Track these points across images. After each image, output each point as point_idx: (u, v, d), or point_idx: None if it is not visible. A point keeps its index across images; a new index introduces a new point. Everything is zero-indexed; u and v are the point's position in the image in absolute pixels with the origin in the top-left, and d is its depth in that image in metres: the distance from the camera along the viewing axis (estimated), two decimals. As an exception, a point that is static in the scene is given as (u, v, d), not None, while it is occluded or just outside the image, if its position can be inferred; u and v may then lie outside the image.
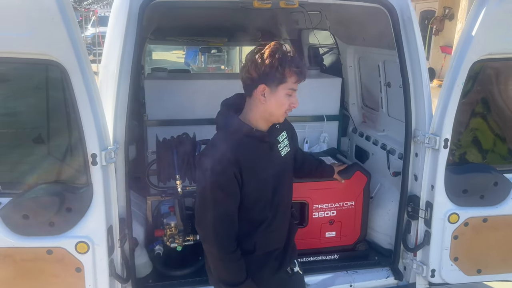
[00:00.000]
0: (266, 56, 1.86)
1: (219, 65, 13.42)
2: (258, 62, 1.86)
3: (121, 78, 2.29)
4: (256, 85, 1.90)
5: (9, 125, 2.26)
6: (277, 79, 1.88)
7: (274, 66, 1.86)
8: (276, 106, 1.93)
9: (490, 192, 2.57)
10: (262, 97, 1.91)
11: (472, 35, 2.31)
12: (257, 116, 1.97)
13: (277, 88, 1.89)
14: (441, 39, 13.50)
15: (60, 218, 2.17)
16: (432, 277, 2.65)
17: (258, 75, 1.88)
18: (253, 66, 1.88)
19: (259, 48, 1.91)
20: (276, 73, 1.87)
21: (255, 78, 1.89)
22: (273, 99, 1.91)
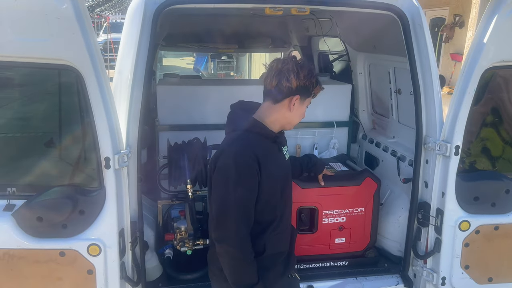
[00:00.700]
0: (307, 70, 2.00)
1: (229, 72, 13.49)
2: (300, 74, 1.98)
3: (135, 83, 2.33)
4: (291, 94, 2.00)
5: (25, 128, 2.31)
6: (308, 93, 2.05)
7: (312, 82, 2.02)
8: (298, 116, 2.09)
9: (502, 200, 2.56)
10: (292, 106, 2.02)
11: (483, 42, 2.32)
12: (275, 121, 2.07)
13: (305, 101, 2.06)
14: (451, 46, 13.43)
15: (73, 221, 2.20)
16: (443, 285, 2.63)
17: (298, 86, 1.99)
18: (295, 77, 1.97)
19: (295, 60, 2.01)
20: (310, 87, 2.03)
21: (294, 88, 1.99)
22: (299, 110, 2.06)
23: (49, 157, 2.29)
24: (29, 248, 2.20)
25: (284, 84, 1.98)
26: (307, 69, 2.00)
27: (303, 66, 1.99)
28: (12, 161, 2.28)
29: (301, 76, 1.98)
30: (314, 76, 2.03)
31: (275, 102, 2.03)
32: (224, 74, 13.05)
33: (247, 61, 13.06)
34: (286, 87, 1.99)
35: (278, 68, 2.00)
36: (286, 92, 2.00)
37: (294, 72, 1.97)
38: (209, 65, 13.82)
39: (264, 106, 2.09)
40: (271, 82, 2.01)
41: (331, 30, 4.04)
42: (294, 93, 2.00)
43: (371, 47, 3.62)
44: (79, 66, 2.03)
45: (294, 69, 1.98)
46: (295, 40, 5.32)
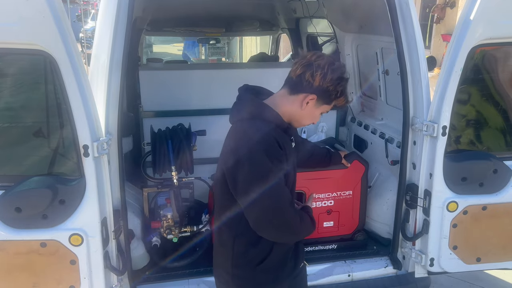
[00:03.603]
0: (337, 76, 1.82)
1: (220, 57, 13.32)
2: (328, 76, 1.80)
3: (113, 67, 2.25)
4: (309, 91, 1.82)
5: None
6: (329, 100, 1.86)
7: (337, 90, 1.83)
8: (308, 118, 1.92)
9: (490, 180, 2.53)
10: (304, 104, 1.85)
11: (470, 20, 2.26)
12: (285, 113, 1.88)
13: (321, 106, 1.87)
14: (442, 27, 13.36)
15: (53, 211, 2.15)
16: (431, 266, 2.63)
17: (319, 86, 1.81)
18: (321, 75, 1.80)
19: (331, 60, 1.83)
20: (333, 95, 1.84)
21: (314, 87, 1.81)
22: (311, 112, 1.88)
23: (28, 146, 2.23)
24: (9, 240, 2.15)
25: (306, 77, 1.81)
26: (338, 74, 1.81)
27: (336, 70, 1.81)
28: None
29: (328, 78, 1.79)
30: (342, 86, 1.84)
31: (291, 93, 1.87)
32: (215, 60, 12.89)
33: (238, 46, 12.92)
34: (307, 82, 1.81)
35: (309, 59, 1.83)
36: (305, 86, 1.82)
37: (323, 70, 1.79)
38: (200, 51, 13.64)
39: (279, 94, 1.92)
40: (296, 70, 1.85)
41: (318, 11, 3.96)
42: (312, 91, 1.82)
43: (358, 28, 3.55)
44: (52, 51, 1.96)
45: (325, 68, 1.79)
46: (283, 22, 5.24)
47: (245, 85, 2.04)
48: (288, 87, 1.88)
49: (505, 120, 2.60)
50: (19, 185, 2.12)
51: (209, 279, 2.57)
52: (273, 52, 6.29)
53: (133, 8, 2.28)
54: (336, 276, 2.76)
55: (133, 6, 2.27)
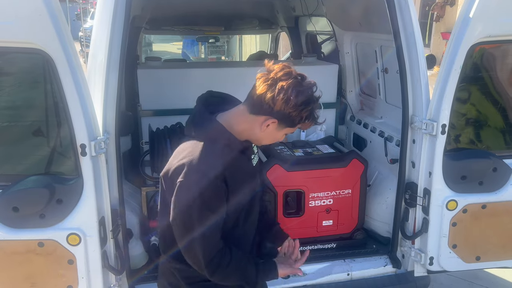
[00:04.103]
0: (302, 100, 1.58)
1: (220, 56, 13.30)
2: (291, 101, 1.57)
3: (110, 65, 2.24)
4: (269, 115, 1.64)
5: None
6: (292, 124, 1.68)
7: (301, 116, 1.63)
8: (269, 139, 1.76)
9: (489, 178, 2.52)
10: (263, 126, 1.67)
11: (469, 17, 2.25)
12: (244, 132, 1.72)
13: (284, 129, 1.70)
14: (442, 25, 13.34)
15: (50, 210, 2.13)
16: (431, 264, 2.62)
17: (281, 111, 1.61)
18: (284, 100, 1.57)
19: (297, 81, 1.59)
20: (296, 119, 1.64)
21: (275, 111, 1.62)
22: (272, 134, 1.71)
23: (25, 146, 2.21)
24: (7, 239, 2.14)
25: (267, 100, 1.60)
26: (303, 98, 1.58)
27: (301, 93, 1.58)
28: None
29: (290, 103, 1.57)
30: (307, 111, 1.61)
31: (251, 111, 1.67)
32: (215, 58, 12.87)
33: (238, 44, 12.90)
34: (267, 104, 1.61)
35: (273, 76, 1.60)
36: (266, 109, 1.62)
37: (285, 94, 1.57)
38: (200, 50, 13.63)
39: (239, 110, 1.72)
40: (258, 87, 1.63)
41: (317, 9, 3.96)
42: (273, 115, 1.63)
43: (357, 26, 3.54)
44: (49, 49, 1.94)
45: (288, 91, 1.57)
46: (282, 21, 5.23)
47: (208, 92, 1.86)
48: (248, 104, 1.68)
49: (504, 119, 2.58)
50: (17, 184, 2.11)
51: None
52: (273, 50, 6.28)
53: (131, 6, 2.27)
54: (335, 275, 2.75)
55: (130, 5, 2.26)
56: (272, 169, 2.78)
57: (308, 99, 1.60)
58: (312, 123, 1.69)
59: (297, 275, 2.09)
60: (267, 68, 1.64)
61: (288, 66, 1.65)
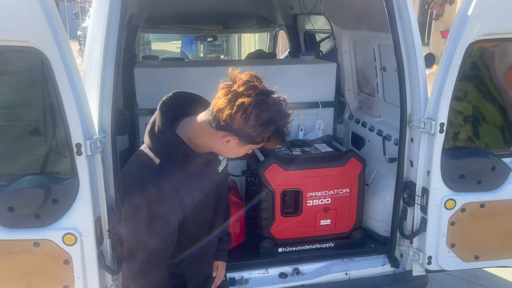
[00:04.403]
0: (264, 120, 1.44)
1: (219, 55, 13.28)
2: (250, 121, 1.43)
3: (106, 64, 2.22)
4: (228, 131, 1.50)
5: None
6: (254, 143, 1.53)
7: (263, 136, 1.49)
8: (232, 154, 1.62)
9: (488, 177, 2.51)
10: (224, 142, 1.53)
11: (468, 15, 2.24)
12: (204, 144, 1.61)
13: (247, 145, 1.55)
14: (441, 24, 13.34)
15: (46, 210, 2.11)
16: (429, 264, 2.60)
17: (239, 129, 1.47)
18: (242, 119, 1.43)
19: (260, 98, 1.44)
20: (258, 139, 1.50)
21: (233, 129, 1.47)
22: (234, 149, 1.57)
23: (20, 145, 2.20)
24: (2, 239, 2.12)
25: (224, 115, 1.45)
26: (265, 118, 1.43)
27: (262, 113, 1.42)
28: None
29: (250, 123, 1.43)
30: (270, 131, 1.46)
31: (210, 124, 1.52)
32: (214, 57, 12.85)
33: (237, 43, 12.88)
34: (225, 121, 1.46)
35: (237, 90, 1.44)
36: (223, 125, 1.48)
37: (244, 113, 1.42)
38: (199, 49, 13.61)
39: (199, 121, 1.57)
40: (218, 100, 1.47)
41: (315, 8, 3.94)
42: (231, 133, 1.49)
43: (355, 24, 3.52)
44: (43, 48, 1.92)
45: (248, 110, 1.41)
46: (280, 19, 5.21)
47: (173, 94, 1.71)
48: (209, 115, 1.53)
49: (503, 117, 2.57)
50: (12, 184, 2.08)
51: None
52: (271, 49, 6.26)
53: (126, 5, 2.25)
54: (333, 274, 2.74)
55: (126, 3, 2.24)
56: (269, 168, 2.77)
57: (271, 119, 1.45)
58: (277, 142, 1.53)
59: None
60: (231, 78, 1.49)
61: (254, 78, 1.49)
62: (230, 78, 1.49)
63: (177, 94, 1.73)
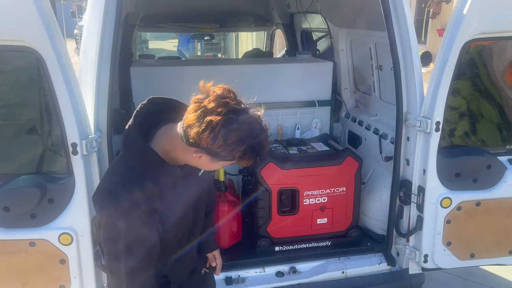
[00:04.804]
0: (233, 140, 1.37)
1: (216, 53, 13.25)
2: (218, 141, 1.36)
3: (102, 63, 2.21)
4: (197, 149, 1.43)
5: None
6: (225, 161, 1.46)
7: (233, 156, 1.42)
8: (206, 168, 1.57)
9: (483, 176, 2.52)
10: (196, 158, 1.46)
11: (463, 14, 2.24)
12: (180, 158, 1.55)
13: (219, 161, 1.48)
14: (438, 22, 13.35)
15: (42, 210, 2.12)
16: (425, 262, 2.61)
17: (208, 148, 1.40)
18: (210, 138, 1.36)
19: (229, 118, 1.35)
20: (228, 158, 1.43)
21: (202, 147, 1.40)
22: (207, 164, 1.51)
23: (15, 145, 2.19)
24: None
25: (192, 133, 1.38)
26: (233, 140, 1.36)
27: (231, 133, 1.35)
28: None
29: (218, 142, 1.36)
30: (240, 152, 1.39)
31: (182, 138, 1.46)
32: (211, 56, 12.83)
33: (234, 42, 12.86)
34: (193, 139, 1.39)
35: (207, 107, 1.36)
36: (192, 142, 1.41)
37: (212, 132, 1.35)
38: (196, 47, 13.58)
39: (173, 133, 1.50)
40: (188, 114, 1.39)
41: (312, 6, 3.94)
42: (201, 149, 1.42)
43: (351, 23, 3.52)
44: (38, 47, 1.92)
45: (216, 128, 1.34)
46: (277, 18, 5.20)
47: (148, 101, 1.60)
48: (181, 130, 1.45)
49: (498, 116, 2.58)
50: (7, 184, 2.08)
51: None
52: (268, 48, 6.26)
53: (122, 3, 2.24)
54: (330, 273, 2.74)
55: (121, 1, 2.24)
56: (266, 167, 2.76)
57: (240, 139, 1.37)
58: (252, 160, 1.45)
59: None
60: (203, 92, 1.41)
61: (228, 93, 1.40)
62: (202, 91, 1.42)
63: (152, 100, 1.63)
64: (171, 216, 1.61)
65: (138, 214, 1.51)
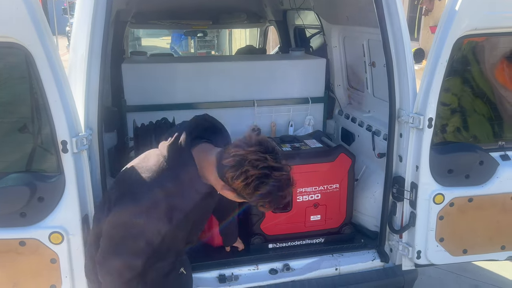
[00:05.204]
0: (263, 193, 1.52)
1: (209, 50, 13.20)
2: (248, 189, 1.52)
3: (92, 60, 2.18)
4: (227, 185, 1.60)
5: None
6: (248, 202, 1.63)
7: (256, 203, 1.59)
8: (228, 197, 1.69)
9: (476, 172, 2.53)
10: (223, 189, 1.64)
11: (455, 10, 2.24)
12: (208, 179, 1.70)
13: (243, 199, 1.64)
14: (431, 19, 13.39)
15: (32, 208, 2.09)
16: (418, 258, 2.62)
17: (236, 189, 1.57)
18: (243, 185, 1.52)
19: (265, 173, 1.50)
20: (252, 202, 1.60)
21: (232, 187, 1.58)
22: (230, 197, 1.67)
23: (4, 143, 2.16)
24: (-14, 239, 2.09)
25: (227, 174, 1.54)
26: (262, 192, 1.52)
27: (262, 187, 1.50)
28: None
29: (248, 190, 1.53)
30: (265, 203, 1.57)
31: (216, 170, 1.63)
32: (204, 53, 12.78)
33: (228, 39, 12.83)
34: (226, 179, 1.57)
35: (246, 156, 1.51)
36: (224, 180, 1.59)
37: (246, 180, 1.51)
38: (189, 44, 13.53)
39: (211, 159, 1.66)
40: (227, 155, 1.55)
41: (305, 3, 3.93)
42: (230, 187, 1.59)
43: (344, 19, 3.52)
44: (27, 44, 1.89)
45: (250, 179, 1.50)
46: (270, 14, 5.19)
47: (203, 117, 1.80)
48: (218, 162, 1.62)
49: (491, 112, 2.58)
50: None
51: (198, 275, 2.53)
52: (261, 44, 6.24)
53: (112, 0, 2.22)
54: (323, 270, 2.74)
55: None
56: (259, 165, 2.75)
57: (268, 192, 1.52)
58: (269, 210, 1.63)
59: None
60: (246, 138, 1.57)
61: (267, 147, 1.53)
62: (246, 138, 1.57)
63: (206, 117, 1.84)
64: (180, 223, 1.71)
65: (151, 216, 1.63)
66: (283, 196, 1.58)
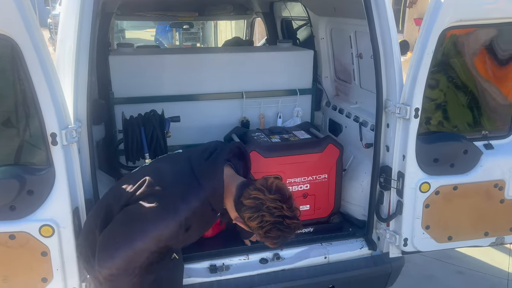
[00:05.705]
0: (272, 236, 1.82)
1: (195, 43, 13.10)
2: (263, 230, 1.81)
3: (80, 52, 2.17)
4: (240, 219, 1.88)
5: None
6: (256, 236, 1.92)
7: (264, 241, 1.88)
8: (239, 225, 1.96)
9: (460, 160, 2.59)
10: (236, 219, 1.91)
11: (441, 1, 2.27)
12: (224, 203, 1.95)
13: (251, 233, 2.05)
14: (415, 11, 13.52)
15: (21, 202, 2.08)
16: (405, 246, 2.68)
17: (248, 226, 1.85)
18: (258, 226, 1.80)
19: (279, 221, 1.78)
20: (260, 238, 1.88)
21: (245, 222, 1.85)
22: (241, 226, 1.94)
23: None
24: (-25, 233, 2.07)
25: (244, 214, 1.82)
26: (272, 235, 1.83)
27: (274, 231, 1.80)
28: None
29: (260, 231, 1.81)
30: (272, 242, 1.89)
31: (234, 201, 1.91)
32: (190, 45, 12.68)
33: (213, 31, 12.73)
34: (243, 216, 1.85)
35: (265, 202, 1.79)
36: (240, 215, 1.88)
37: (261, 223, 1.79)
38: (174, 37, 13.40)
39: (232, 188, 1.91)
40: (248, 195, 1.81)
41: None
42: (244, 222, 1.89)
43: (331, 11, 3.53)
44: (14, 35, 1.86)
45: (265, 223, 1.78)
46: (257, 6, 5.17)
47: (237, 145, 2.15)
48: (237, 197, 1.87)
49: (475, 102, 2.64)
50: (-16, 176, 2.04)
51: (190, 266, 2.55)
52: (248, 36, 6.22)
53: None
54: (313, 258, 2.78)
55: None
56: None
57: (277, 236, 1.81)
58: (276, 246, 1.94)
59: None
60: (268, 183, 1.81)
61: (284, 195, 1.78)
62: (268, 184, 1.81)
63: (239, 145, 2.18)
64: (192, 235, 2.01)
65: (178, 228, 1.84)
66: (289, 238, 1.86)
